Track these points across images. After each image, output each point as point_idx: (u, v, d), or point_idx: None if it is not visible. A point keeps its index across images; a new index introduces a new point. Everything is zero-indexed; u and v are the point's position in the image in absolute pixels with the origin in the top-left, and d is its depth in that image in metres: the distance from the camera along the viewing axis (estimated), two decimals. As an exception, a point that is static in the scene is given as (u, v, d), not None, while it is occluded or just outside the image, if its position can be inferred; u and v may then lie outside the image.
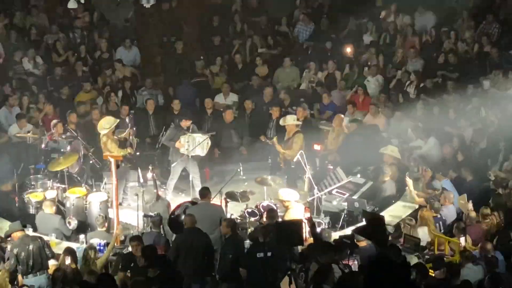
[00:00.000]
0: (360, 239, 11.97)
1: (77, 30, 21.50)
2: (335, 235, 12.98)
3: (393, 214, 14.58)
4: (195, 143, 15.75)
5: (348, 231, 13.59)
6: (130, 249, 12.10)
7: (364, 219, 12.28)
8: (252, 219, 14.16)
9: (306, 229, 12.49)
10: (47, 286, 11.77)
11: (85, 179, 16.01)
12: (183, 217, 13.11)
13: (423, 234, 13.22)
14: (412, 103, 18.49)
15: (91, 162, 16.36)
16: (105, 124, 15.33)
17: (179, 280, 10.63)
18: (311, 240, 12.28)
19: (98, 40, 21.52)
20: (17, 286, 11.61)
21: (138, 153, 16.10)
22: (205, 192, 13.55)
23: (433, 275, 11.16)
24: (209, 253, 12.17)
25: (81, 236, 13.58)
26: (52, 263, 12.07)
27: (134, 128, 15.87)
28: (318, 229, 12.88)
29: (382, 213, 14.30)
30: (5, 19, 21.19)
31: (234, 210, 14.63)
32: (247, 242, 12.75)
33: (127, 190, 16.07)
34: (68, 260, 11.68)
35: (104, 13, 22.53)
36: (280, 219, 13.21)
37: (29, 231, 12.96)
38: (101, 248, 12.91)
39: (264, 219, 13.42)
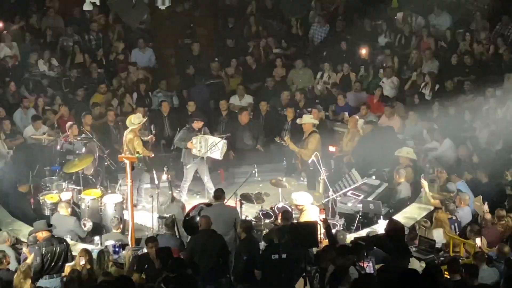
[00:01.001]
0: None
1: (93, 32, 21.54)
2: (350, 237, 12.97)
3: (408, 215, 14.55)
4: (207, 144, 15.74)
5: (363, 232, 13.58)
6: (145, 250, 12.13)
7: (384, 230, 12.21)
8: (267, 220, 14.14)
9: (321, 231, 12.47)
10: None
11: (100, 180, 16.03)
12: (198, 218, 13.13)
13: (438, 236, 13.18)
14: (427, 105, 18.43)
15: (106, 164, 16.38)
16: (135, 120, 15.35)
17: (193, 282, 10.60)
18: (326, 242, 12.27)
19: (113, 42, 21.57)
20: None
21: (153, 155, 16.12)
22: (219, 194, 13.52)
23: (448, 277, 11.12)
24: (224, 255, 12.16)
25: (96, 238, 13.63)
26: (68, 265, 12.07)
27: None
28: (333, 231, 12.85)
29: (397, 215, 14.31)
30: (21, 21, 21.29)
31: (248, 212, 14.64)
32: (262, 244, 12.73)
33: (141, 191, 16.07)
34: (83, 261, 11.69)
35: (119, 15, 22.52)
36: (295, 221, 13.18)
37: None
38: (116, 249, 12.92)
39: (279, 221, 13.41)
